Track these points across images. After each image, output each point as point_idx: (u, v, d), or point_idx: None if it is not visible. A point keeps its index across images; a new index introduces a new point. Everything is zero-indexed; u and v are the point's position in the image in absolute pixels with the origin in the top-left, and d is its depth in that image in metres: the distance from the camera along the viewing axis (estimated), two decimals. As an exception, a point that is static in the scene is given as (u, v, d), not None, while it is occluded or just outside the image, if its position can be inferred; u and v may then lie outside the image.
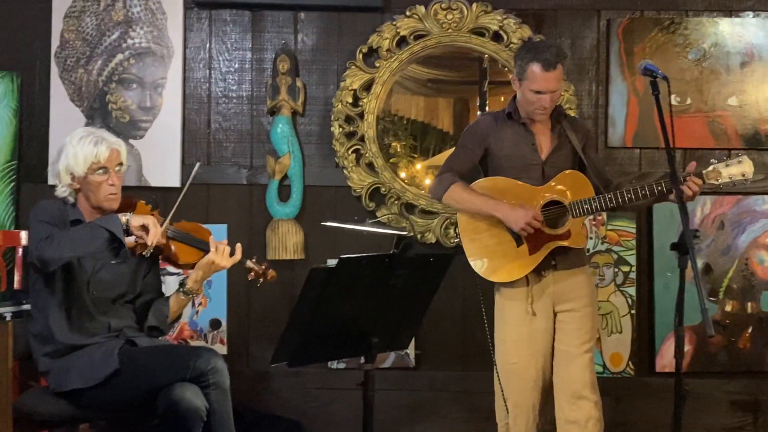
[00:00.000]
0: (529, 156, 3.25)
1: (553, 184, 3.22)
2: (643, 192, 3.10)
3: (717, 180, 3.10)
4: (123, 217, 2.92)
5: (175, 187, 4.06)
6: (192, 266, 3.14)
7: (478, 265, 3.25)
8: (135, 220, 2.93)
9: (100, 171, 3.05)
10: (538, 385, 3.25)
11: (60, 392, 2.98)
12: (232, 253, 3.14)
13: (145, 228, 2.93)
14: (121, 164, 3.12)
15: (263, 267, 3.22)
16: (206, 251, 3.11)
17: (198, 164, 3.21)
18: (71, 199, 3.09)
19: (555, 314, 3.26)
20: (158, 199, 3.88)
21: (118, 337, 3.05)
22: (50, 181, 4.03)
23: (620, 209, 3.32)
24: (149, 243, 2.91)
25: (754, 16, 4.15)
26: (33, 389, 3.25)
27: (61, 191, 3.08)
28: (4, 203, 4.08)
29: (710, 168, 3.10)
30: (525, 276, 3.23)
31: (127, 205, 3.14)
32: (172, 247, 3.12)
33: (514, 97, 3.30)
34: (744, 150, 4.11)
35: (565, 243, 3.20)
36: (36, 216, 3.01)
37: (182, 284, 3.16)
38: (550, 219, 3.19)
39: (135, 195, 3.35)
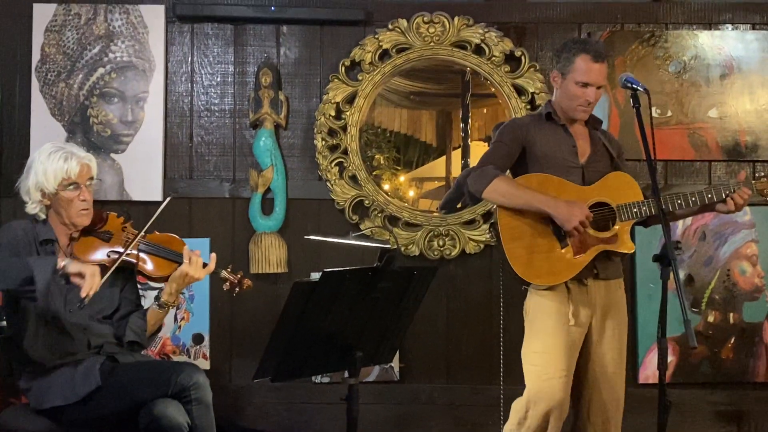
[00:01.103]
0: (569, 158, 3.10)
1: (600, 185, 3.07)
2: (693, 199, 3.00)
3: (764, 192, 3.01)
4: (62, 261, 2.77)
5: (157, 201, 4.04)
6: (166, 279, 3.09)
7: (519, 266, 3.02)
8: (74, 267, 2.76)
9: (71, 187, 2.98)
10: (566, 407, 3.01)
11: (41, 410, 2.95)
12: (207, 264, 3.10)
13: (82, 276, 2.76)
14: (92, 179, 3.05)
15: (238, 276, 3.16)
16: (180, 263, 3.06)
17: (169, 198, 3.11)
18: (42, 215, 3.02)
19: (590, 329, 3.06)
20: (140, 212, 3.85)
21: (99, 354, 3.01)
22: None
23: (653, 223, 3.17)
24: (83, 294, 2.74)
25: (733, 29, 4.19)
26: (14, 406, 3.21)
27: (32, 208, 3.01)
28: (-16, 218, 4.05)
29: (759, 179, 3.02)
30: (565, 283, 3.03)
31: (99, 219, 3.08)
32: (147, 261, 3.07)
33: (549, 101, 3.21)
34: (724, 161, 4.15)
35: (611, 247, 3.02)
36: None
37: (157, 298, 3.12)
38: (597, 221, 3.02)
39: (114, 209, 3.30)
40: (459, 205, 4.08)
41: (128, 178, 4.08)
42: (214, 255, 3.10)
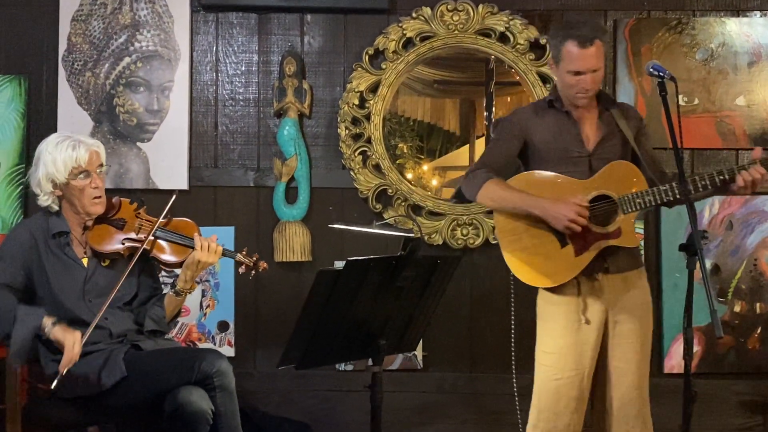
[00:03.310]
0: (573, 147, 2.95)
1: (600, 176, 2.91)
2: (703, 182, 2.82)
3: None
4: (48, 323, 2.80)
5: (183, 190, 4.07)
6: (180, 264, 3.10)
7: (518, 269, 2.95)
8: (54, 334, 2.80)
9: (82, 175, 2.99)
10: (581, 407, 2.94)
11: (67, 398, 2.98)
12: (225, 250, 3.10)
13: (60, 345, 2.79)
14: (101, 165, 3.06)
15: (254, 259, 3.15)
16: (193, 248, 3.06)
17: (174, 195, 3.12)
18: (55, 207, 3.03)
19: (606, 325, 2.96)
20: (166, 201, 3.87)
21: (122, 343, 3.04)
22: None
23: (676, 204, 2.95)
24: (60, 369, 2.76)
25: (761, 16, 4.14)
26: (40, 394, 3.25)
27: (44, 200, 3.02)
28: (12, 207, 4.09)
29: None
30: (575, 280, 2.92)
31: (111, 206, 3.10)
32: (161, 247, 3.08)
33: (555, 86, 3.06)
34: (752, 150, 4.08)
35: (615, 242, 2.88)
36: (1, 245, 3.00)
37: (173, 284, 3.13)
38: (598, 216, 2.89)
39: (140, 196, 3.31)
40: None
41: (154, 166, 4.11)
42: (214, 237, 3.10)
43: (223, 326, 4.10)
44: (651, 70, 2.84)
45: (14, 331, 2.75)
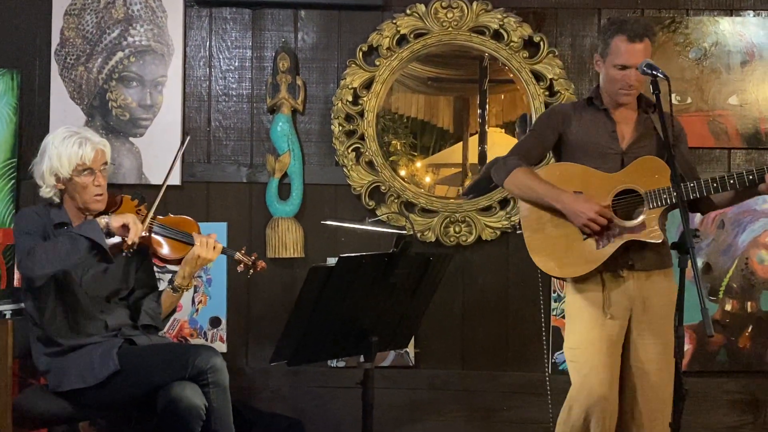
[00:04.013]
0: (607, 144, 2.99)
1: (628, 170, 2.94)
2: (731, 181, 2.83)
3: None
4: (102, 220, 2.89)
5: (175, 185, 4.06)
6: (179, 261, 3.11)
7: (540, 259, 2.99)
8: (115, 221, 2.89)
9: (86, 172, 3.01)
10: (608, 406, 2.90)
11: (59, 392, 2.98)
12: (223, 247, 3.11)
13: (126, 227, 2.89)
14: (105, 164, 3.08)
15: (252, 258, 3.17)
16: (192, 245, 3.08)
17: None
18: (56, 200, 3.05)
19: (630, 323, 2.97)
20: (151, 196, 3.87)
21: (116, 336, 3.04)
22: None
23: (708, 208, 3.01)
24: (130, 242, 2.88)
25: (754, 15, 4.15)
26: (33, 387, 3.25)
27: (46, 192, 3.04)
28: (4, 201, 4.08)
29: None
30: (600, 275, 2.94)
31: (113, 203, 3.12)
32: (160, 243, 3.09)
33: (597, 85, 3.11)
34: (744, 149, 4.11)
35: (637, 237, 2.89)
36: (18, 227, 3.00)
37: (171, 281, 3.14)
38: (623, 209, 2.91)
39: (131, 192, 3.32)
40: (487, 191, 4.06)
41: (147, 162, 4.10)
42: (214, 235, 3.12)
43: (215, 322, 4.10)
44: (645, 68, 2.86)
45: (94, 238, 2.84)
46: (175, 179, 4.08)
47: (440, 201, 4.11)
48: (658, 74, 2.82)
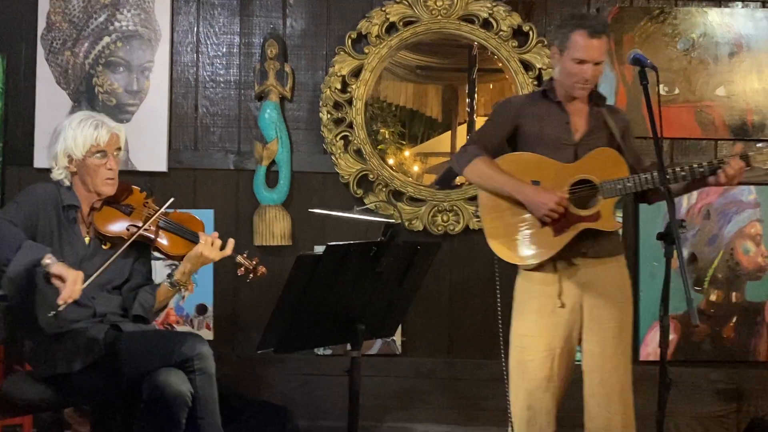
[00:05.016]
0: (561, 136, 3.04)
1: (584, 161, 3.01)
2: (683, 173, 2.91)
3: (765, 164, 2.91)
4: (47, 259, 2.72)
5: (162, 172, 4.04)
6: (181, 258, 3.11)
7: (498, 246, 3.04)
8: (57, 268, 2.70)
9: (99, 154, 3.02)
10: (552, 386, 3.01)
11: (45, 377, 2.97)
12: (223, 247, 3.10)
13: (62, 280, 2.70)
14: (119, 149, 3.09)
15: (254, 263, 3.18)
16: (197, 243, 3.08)
17: (171, 200, 3.10)
18: (67, 182, 3.05)
19: (582, 309, 3.03)
20: (144, 183, 3.85)
21: (102, 322, 3.03)
22: (36, 164, 4.02)
23: (656, 198, 3.08)
24: (59, 301, 2.67)
25: (743, 7, 4.16)
26: (17, 373, 3.23)
27: (57, 174, 3.04)
28: (-11, 186, 4.05)
29: (759, 151, 2.92)
30: (553, 263, 3.01)
31: (124, 191, 3.12)
32: (165, 237, 3.09)
33: (551, 78, 3.16)
34: (730, 140, 4.13)
35: (592, 225, 2.96)
36: (19, 196, 2.98)
37: (170, 275, 3.13)
38: (579, 199, 2.98)
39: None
40: (455, 183, 4.09)
41: (133, 148, 4.07)
42: (232, 241, 3.11)
43: (201, 309, 4.09)
44: (633, 59, 2.86)
45: (15, 258, 2.73)
46: (161, 166, 4.06)
47: (428, 190, 4.11)
48: (647, 65, 2.83)
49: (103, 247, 3.07)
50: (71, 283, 2.69)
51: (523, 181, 3.00)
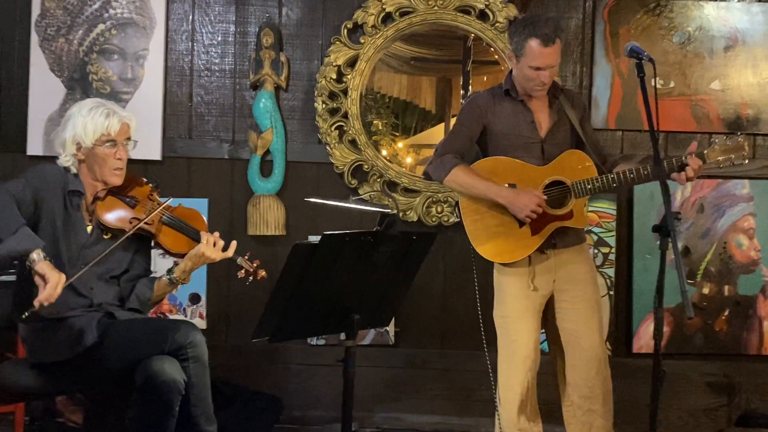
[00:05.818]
0: (528, 134, 3.19)
1: (555, 164, 3.16)
2: (645, 173, 3.05)
3: (719, 160, 3.03)
4: (36, 254, 2.67)
5: (156, 161, 4.03)
6: (182, 255, 3.09)
7: (481, 246, 3.19)
8: (40, 267, 2.66)
9: (109, 144, 2.98)
10: (533, 364, 3.20)
11: (38, 364, 2.96)
12: (225, 249, 3.09)
13: (44, 280, 2.65)
14: (129, 138, 3.06)
15: (254, 265, 3.17)
16: (198, 242, 3.06)
17: (171, 199, 3.10)
18: (73, 169, 3.02)
19: (553, 294, 3.23)
20: (139, 172, 3.83)
21: (96, 311, 3.02)
22: (29, 151, 4.00)
23: (620, 190, 3.26)
24: (35, 303, 2.63)
25: (739, 1, 4.16)
26: (10, 360, 3.23)
27: (64, 160, 3.00)
28: (-18, 173, 4.03)
29: (711, 148, 3.04)
30: (528, 255, 3.19)
31: (131, 181, 3.09)
32: (167, 234, 3.07)
33: (510, 72, 3.22)
34: (725, 134, 4.13)
35: (567, 223, 3.15)
36: (26, 173, 2.95)
37: (170, 271, 3.12)
38: (553, 199, 3.14)
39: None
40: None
41: (127, 136, 4.05)
42: (234, 243, 3.09)
43: (194, 298, 4.09)
44: (630, 51, 2.87)
45: (6, 241, 2.69)
46: (155, 154, 4.05)
47: (422, 181, 4.10)
48: (643, 57, 2.83)
49: (105, 237, 3.06)
50: (51, 287, 2.65)
51: (501, 185, 3.15)
